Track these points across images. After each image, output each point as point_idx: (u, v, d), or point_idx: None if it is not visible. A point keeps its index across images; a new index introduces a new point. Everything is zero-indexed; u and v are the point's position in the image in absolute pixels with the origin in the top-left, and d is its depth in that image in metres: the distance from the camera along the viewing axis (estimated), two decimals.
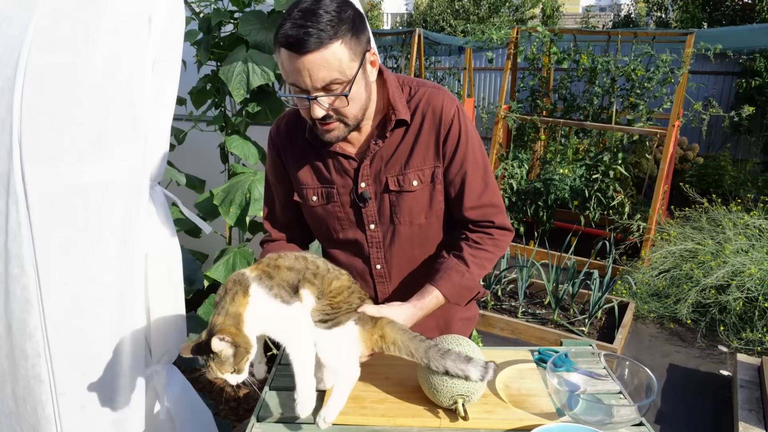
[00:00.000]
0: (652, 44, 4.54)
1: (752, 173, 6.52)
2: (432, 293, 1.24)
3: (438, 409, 1.10)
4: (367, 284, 1.37)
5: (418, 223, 1.31)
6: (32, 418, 1.46)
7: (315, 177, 1.32)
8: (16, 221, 1.29)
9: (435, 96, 1.26)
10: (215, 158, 2.83)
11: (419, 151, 1.26)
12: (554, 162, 5.09)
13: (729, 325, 3.49)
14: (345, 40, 1.07)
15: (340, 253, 1.38)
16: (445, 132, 1.25)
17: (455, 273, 1.26)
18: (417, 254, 1.35)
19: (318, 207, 1.33)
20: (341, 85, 1.10)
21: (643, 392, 1.11)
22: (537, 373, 1.25)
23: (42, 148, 1.28)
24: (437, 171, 1.28)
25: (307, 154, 1.32)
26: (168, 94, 1.43)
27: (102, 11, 1.31)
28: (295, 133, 1.33)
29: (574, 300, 3.74)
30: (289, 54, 1.06)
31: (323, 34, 1.04)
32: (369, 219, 1.31)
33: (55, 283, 1.35)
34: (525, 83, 5.29)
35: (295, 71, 1.08)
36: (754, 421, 2.47)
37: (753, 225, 3.88)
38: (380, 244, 1.33)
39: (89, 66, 1.29)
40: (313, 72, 1.07)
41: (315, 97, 1.10)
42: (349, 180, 1.29)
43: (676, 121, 4.26)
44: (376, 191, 1.29)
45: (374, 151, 1.26)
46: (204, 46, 2.28)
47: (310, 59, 1.06)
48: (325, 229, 1.36)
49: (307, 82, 1.08)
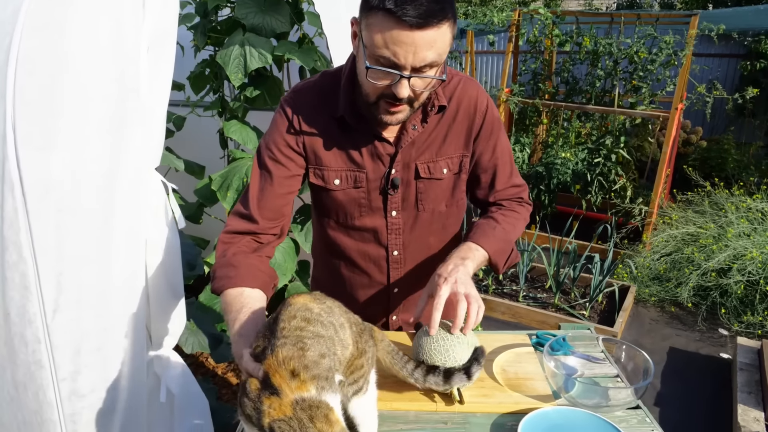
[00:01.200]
0: (655, 26, 4.48)
1: (756, 157, 6.47)
2: (467, 246, 1.21)
3: (434, 393, 1.10)
4: (380, 269, 1.35)
5: (439, 210, 1.31)
6: (33, 403, 1.47)
7: (343, 160, 1.24)
8: (12, 208, 1.29)
9: (470, 85, 1.27)
10: (214, 144, 2.83)
11: (451, 139, 1.27)
12: (556, 146, 5.06)
13: (730, 308, 3.49)
14: (451, 23, 1.01)
15: (350, 239, 1.32)
16: (480, 121, 1.27)
17: (487, 227, 1.26)
18: (432, 241, 1.35)
19: (339, 191, 1.26)
20: (434, 69, 1.04)
21: (641, 375, 1.11)
22: (534, 356, 1.25)
23: (36, 135, 1.27)
24: (465, 160, 1.30)
25: (334, 135, 1.23)
26: (163, 78, 1.42)
27: None
28: (318, 113, 1.23)
29: (575, 284, 3.74)
30: (397, 24, 0.97)
31: (438, 12, 0.97)
32: (393, 206, 1.28)
33: (53, 270, 1.35)
34: (527, 66, 5.24)
35: (397, 44, 0.99)
36: (752, 404, 2.48)
37: (755, 208, 3.86)
38: (400, 231, 1.31)
39: (83, 51, 1.28)
40: (418, 49, 0.99)
41: (409, 76, 1.02)
42: (381, 165, 1.24)
43: (679, 104, 4.22)
44: (405, 178, 1.26)
45: (413, 136, 1.23)
46: (201, 30, 2.26)
47: (421, 36, 0.98)
48: (342, 215, 1.30)
49: (408, 59, 1.00)
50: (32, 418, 1.49)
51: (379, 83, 1.06)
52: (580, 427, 1.00)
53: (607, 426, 0.99)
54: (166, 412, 1.65)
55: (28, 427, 1.51)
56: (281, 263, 2.38)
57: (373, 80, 1.06)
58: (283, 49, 2.13)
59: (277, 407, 0.75)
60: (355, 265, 1.35)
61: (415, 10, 0.95)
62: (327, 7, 2.05)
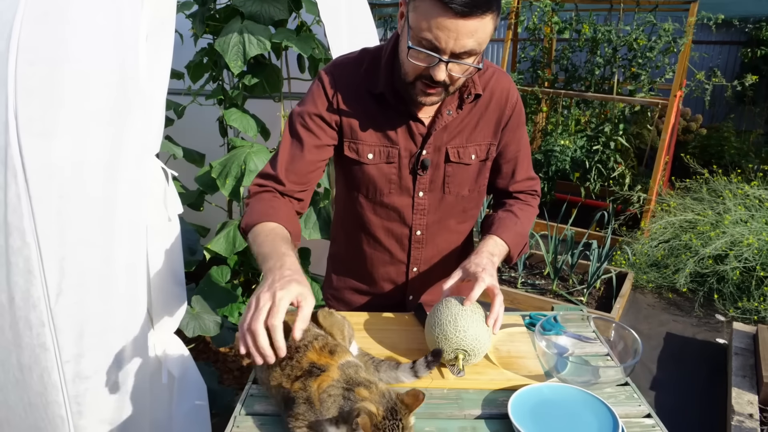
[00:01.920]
0: (654, 13, 4.47)
1: (756, 144, 6.47)
2: (493, 240, 1.29)
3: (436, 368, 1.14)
4: (402, 248, 1.39)
5: (462, 194, 1.36)
6: (39, 385, 1.50)
7: (377, 135, 1.28)
8: (15, 194, 1.32)
9: (503, 77, 1.32)
10: (214, 132, 2.84)
11: (482, 127, 1.31)
12: (555, 133, 5.07)
13: (726, 294, 3.52)
14: (494, 15, 1.06)
15: (376, 216, 1.36)
16: (509, 113, 1.33)
17: (509, 221, 1.34)
18: (452, 224, 1.40)
19: (372, 165, 1.30)
20: (472, 57, 1.09)
21: (630, 354, 1.14)
22: (527, 336, 1.28)
23: (38, 122, 1.29)
24: (491, 149, 1.35)
25: (371, 110, 1.27)
26: (162, 66, 1.44)
27: None
28: (357, 87, 1.27)
29: (573, 270, 3.77)
30: (442, 11, 1.01)
31: (486, 4, 1.02)
32: (420, 186, 1.32)
33: (55, 255, 1.38)
34: (526, 54, 5.24)
35: (440, 29, 1.03)
36: (746, 387, 2.52)
37: (753, 195, 3.88)
38: (425, 211, 1.35)
39: (83, 38, 1.30)
40: (460, 36, 1.04)
41: (448, 61, 1.07)
42: (413, 145, 1.28)
43: (678, 92, 4.23)
44: (435, 160, 1.30)
45: (447, 121, 1.27)
46: (199, 18, 2.27)
47: (463, 24, 1.02)
48: (372, 190, 1.33)
49: (449, 44, 1.05)
50: (37, 399, 1.53)
51: (419, 64, 1.11)
52: (569, 402, 1.03)
53: (596, 401, 1.02)
54: (167, 394, 1.68)
55: (33, 409, 1.55)
56: None
57: (414, 60, 1.11)
58: (282, 37, 2.14)
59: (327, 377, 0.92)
60: (378, 242, 1.39)
61: (466, 1, 1.00)
62: None
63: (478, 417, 1.03)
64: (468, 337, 1.09)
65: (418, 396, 0.88)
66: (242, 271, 2.81)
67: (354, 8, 2.38)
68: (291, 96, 2.56)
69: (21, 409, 1.57)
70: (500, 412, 1.02)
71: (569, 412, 1.01)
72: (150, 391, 1.63)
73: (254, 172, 2.20)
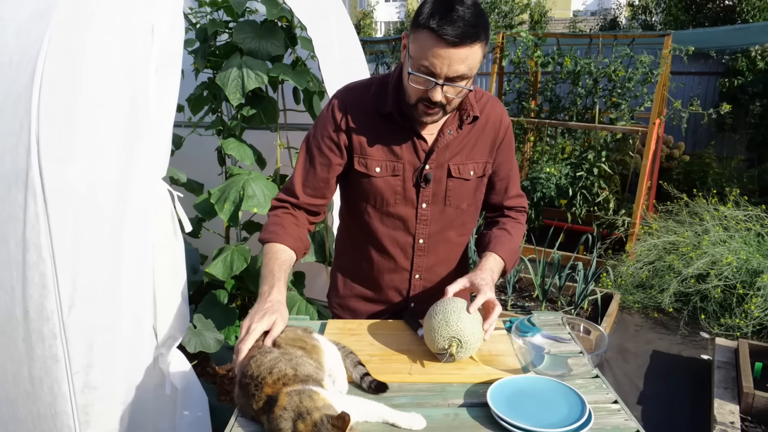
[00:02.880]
0: (631, 46, 4.71)
1: (738, 170, 6.68)
2: (493, 257, 1.45)
3: (415, 364, 1.24)
4: (406, 255, 1.51)
5: (462, 207, 1.50)
6: (48, 396, 1.58)
7: (384, 151, 1.42)
8: (34, 213, 1.43)
9: (497, 104, 1.50)
10: (213, 162, 2.97)
11: (480, 147, 1.47)
12: (541, 161, 5.25)
13: (710, 312, 3.63)
14: (483, 45, 1.23)
15: (382, 225, 1.49)
16: (503, 135, 1.50)
17: (504, 239, 1.50)
18: (452, 235, 1.54)
19: (380, 178, 1.43)
20: (465, 80, 1.25)
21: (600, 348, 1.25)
22: (507, 338, 1.38)
23: (58, 147, 1.42)
24: (488, 166, 1.50)
25: (379, 129, 1.42)
26: (170, 96, 1.58)
27: (110, 22, 1.45)
28: (364, 108, 1.42)
29: (561, 292, 3.88)
30: (436, 40, 1.18)
31: (472, 34, 1.18)
32: (424, 198, 1.46)
33: (69, 270, 1.48)
34: (512, 86, 5.46)
35: (435, 56, 1.20)
36: (728, 398, 2.61)
37: (731, 216, 4.03)
38: (427, 222, 1.48)
39: (99, 72, 1.44)
40: (452, 63, 1.20)
41: (443, 84, 1.23)
42: (417, 160, 1.43)
43: (656, 119, 4.42)
44: (438, 176, 1.45)
45: (448, 139, 1.42)
46: (201, 54, 2.43)
47: (455, 52, 1.19)
48: (379, 200, 1.46)
49: (443, 70, 1.21)
50: (47, 411, 1.60)
51: (419, 87, 1.27)
52: (543, 391, 1.13)
53: (567, 389, 1.12)
54: (170, 405, 1.76)
55: (42, 420, 1.62)
56: None
57: (414, 84, 1.27)
58: (278, 71, 2.30)
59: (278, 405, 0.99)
60: (384, 250, 1.51)
61: (453, 31, 1.17)
62: (318, 33, 2.23)
63: (461, 405, 1.13)
64: (465, 329, 1.21)
65: (345, 418, 0.93)
66: (239, 295, 2.90)
67: (346, 45, 2.55)
68: (287, 127, 2.71)
69: (30, 422, 1.65)
70: (481, 401, 1.12)
71: (542, 399, 1.11)
72: (154, 402, 1.71)
73: (252, 197, 2.32)
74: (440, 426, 1.06)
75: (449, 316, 1.22)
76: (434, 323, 1.23)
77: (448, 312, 1.23)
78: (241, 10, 2.33)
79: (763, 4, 9.43)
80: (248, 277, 2.58)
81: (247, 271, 2.48)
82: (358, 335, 1.39)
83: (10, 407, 1.65)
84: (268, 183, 2.40)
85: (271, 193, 2.36)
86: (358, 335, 1.39)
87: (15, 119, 1.42)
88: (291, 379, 1.04)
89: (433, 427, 1.05)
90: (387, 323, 1.47)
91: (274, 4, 2.30)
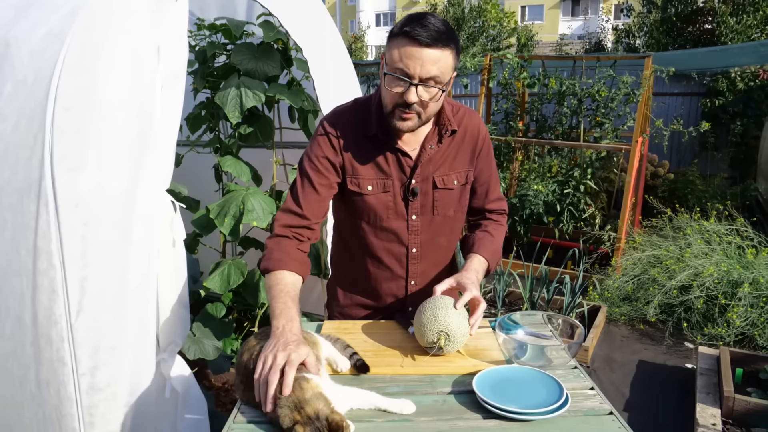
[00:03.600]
0: (614, 67, 4.89)
1: (721, 187, 6.86)
2: (477, 258, 1.54)
3: (407, 357, 1.33)
4: (401, 264, 1.60)
5: (449, 215, 1.60)
6: (54, 399, 1.65)
7: (374, 170, 1.51)
8: (45, 221, 1.51)
9: (473, 116, 1.60)
10: (209, 180, 3.06)
11: (460, 157, 1.57)
12: (529, 179, 5.38)
13: (693, 323, 3.73)
14: (454, 53, 1.34)
15: (377, 239, 1.57)
16: (481, 145, 1.60)
17: (487, 240, 1.60)
18: (442, 240, 1.63)
19: (372, 196, 1.52)
20: (438, 84, 1.34)
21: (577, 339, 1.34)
22: (492, 334, 1.47)
23: (69, 159, 1.51)
24: (469, 174, 1.60)
25: (367, 149, 1.51)
26: (174, 112, 1.68)
27: (119, 43, 1.56)
28: (351, 130, 1.51)
29: (549, 305, 3.97)
30: (410, 41, 1.29)
31: (444, 39, 1.30)
32: (413, 210, 1.55)
33: (78, 275, 1.56)
34: (499, 107, 5.62)
35: (409, 57, 1.30)
36: (710, 403, 2.70)
37: (712, 230, 4.16)
38: (418, 232, 1.58)
39: (109, 89, 1.54)
40: (425, 63, 1.30)
41: (417, 84, 1.32)
42: (404, 175, 1.52)
43: (639, 137, 4.58)
44: (424, 188, 1.54)
45: (430, 154, 1.52)
46: (200, 75, 2.54)
47: (429, 53, 1.29)
48: (373, 216, 1.54)
49: (416, 69, 1.30)
50: (52, 413, 1.67)
51: (394, 90, 1.35)
52: (525, 379, 1.22)
53: (546, 377, 1.21)
54: (171, 408, 1.83)
55: (48, 423, 1.68)
56: None
57: (389, 87, 1.36)
58: (275, 91, 2.41)
59: None
60: (380, 261, 1.60)
61: (426, 32, 1.28)
62: (313, 54, 2.35)
63: (449, 393, 1.21)
64: (453, 323, 1.30)
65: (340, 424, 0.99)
66: (236, 308, 2.97)
67: (339, 66, 2.68)
68: (282, 144, 2.81)
69: (35, 425, 1.71)
70: (467, 389, 1.21)
71: (524, 386, 1.20)
72: (155, 405, 1.78)
73: (252, 211, 2.40)
74: (429, 411, 1.14)
75: (438, 311, 1.31)
76: (424, 318, 1.32)
77: (436, 308, 1.32)
78: (239, 32, 2.46)
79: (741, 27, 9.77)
80: (245, 290, 2.66)
81: (243, 284, 2.56)
82: (352, 334, 1.47)
83: (16, 411, 1.72)
84: (266, 198, 2.49)
85: (269, 207, 2.45)
86: (353, 334, 1.47)
87: (29, 133, 1.51)
88: None
89: (423, 412, 1.14)
90: (379, 323, 1.56)
91: (271, 27, 2.42)
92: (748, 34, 10.08)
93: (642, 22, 11.77)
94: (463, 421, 1.11)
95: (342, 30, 34.44)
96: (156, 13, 1.64)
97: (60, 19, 1.57)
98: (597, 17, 23.10)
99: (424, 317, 1.32)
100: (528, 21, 29.79)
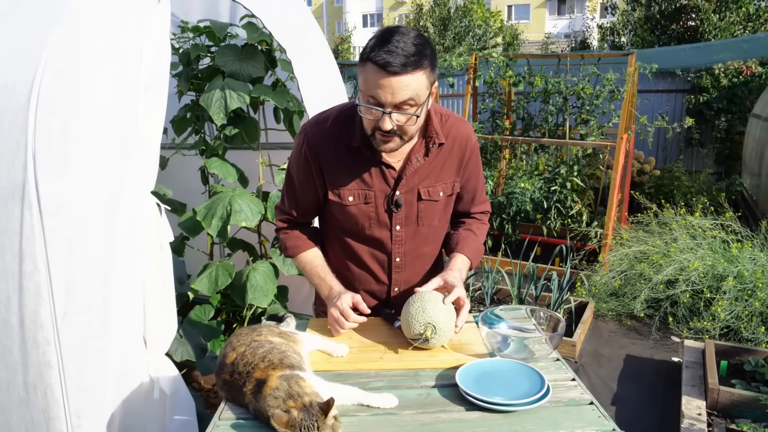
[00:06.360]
0: (598, 65, 4.94)
1: (706, 183, 6.94)
2: (461, 258, 1.57)
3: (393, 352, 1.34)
4: (384, 270, 1.60)
5: (434, 225, 1.60)
6: (42, 402, 1.65)
7: (355, 181, 1.49)
8: (30, 224, 1.51)
9: (463, 125, 1.57)
10: (194, 183, 3.06)
11: (447, 168, 1.55)
12: (516, 177, 5.42)
13: (679, 317, 3.78)
14: (426, 72, 1.29)
15: (362, 246, 1.57)
16: (469, 155, 1.57)
17: (470, 239, 1.63)
18: (426, 249, 1.63)
19: (353, 206, 1.51)
20: (413, 107, 1.30)
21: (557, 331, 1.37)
22: (476, 329, 1.49)
23: (52, 162, 1.51)
24: (456, 185, 1.58)
25: (349, 160, 1.48)
26: (158, 114, 1.69)
27: (102, 45, 1.56)
28: (333, 141, 1.47)
29: (537, 302, 4.00)
30: (378, 71, 1.25)
31: (413, 63, 1.25)
32: (397, 221, 1.54)
33: (63, 278, 1.56)
34: (485, 105, 5.66)
35: (379, 87, 1.26)
36: (695, 395, 2.74)
37: (697, 225, 4.22)
38: (402, 242, 1.57)
39: (92, 91, 1.54)
40: (395, 91, 1.26)
41: (390, 112, 1.28)
42: (387, 187, 1.49)
43: (624, 134, 4.63)
44: (409, 199, 1.53)
45: (416, 166, 1.50)
46: (184, 77, 2.54)
47: (396, 80, 1.25)
48: (354, 225, 1.54)
49: (387, 98, 1.27)
50: (40, 416, 1.66)
51: (368, 118, 1.34)
52: (507, 371, 1.24)
53: (528, 369, 1.23)
54: (159, 409, 1.83)
55: (36, 426, 1.68)
56: (262, 285, 2.59)
57: (364, 115, 1.34)
58: (259, 92, 2.42)
59: (268, 386, 1.10)
60: (363, 264, 1.61)
61: (394, 60, 1.23)
62: (297, 55, 2.36)
63: (433, 387, 1.23)
64: (441, 317, 1.33)
65: (329, 402, 1.03)
66: (224, 309, 2.97)
67: (324, 66, 2.69)
68: (268, 146, 2.82)
69: (23, 429, 1.70)
70: (451, 383, 1.23)
71: (506, 378, 1.22)
72: (144, 406, 1.78)
73: (239, 212, 2.41)
74: (413, 404, 1.16)
75: (426, 304, 1.33)
76: (412, 310, 1.34)
77: (425, 300, 1.34)
78: (222, 34, 2.46)
79: (724, 24, 9.90)
80: (233, 292, 2.66)
81: (231, 286, 2.56)
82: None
83: (3, 415, 1.71)
84: (254, 198, 2.49)
85: (257, 207, 2.45)
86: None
87: (11, 137, 1.51)
88: (277, 365, 1.15)
89: (407, 405, 1.15)
90: (370, 320, 1.57)
91: (255, 28, 2.43)
92: (731, 30, 10.23)
93: (627, 20, 11.89)
94: (446, 414, 1.12)
95: (329, 31, 34.44)
96: (138, 15, 1.64)
97: (41, 21, 1.58)
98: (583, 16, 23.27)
99: (413, 308, 1.34)
100: (515, 20, 29.94)
